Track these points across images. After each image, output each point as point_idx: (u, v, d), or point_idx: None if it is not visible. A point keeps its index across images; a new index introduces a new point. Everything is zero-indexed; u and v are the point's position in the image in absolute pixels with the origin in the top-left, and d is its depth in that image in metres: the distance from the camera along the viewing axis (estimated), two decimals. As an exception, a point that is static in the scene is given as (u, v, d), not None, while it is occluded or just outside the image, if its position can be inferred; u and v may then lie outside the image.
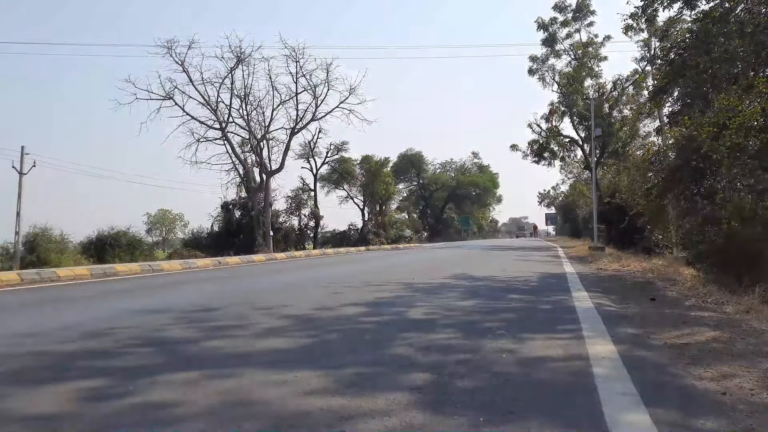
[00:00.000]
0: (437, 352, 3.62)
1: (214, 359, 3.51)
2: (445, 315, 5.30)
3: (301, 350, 3.79)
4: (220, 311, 5.68)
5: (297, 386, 2.84)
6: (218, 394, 2.71)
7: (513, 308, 5.79)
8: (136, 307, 6.17)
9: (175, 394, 2.73)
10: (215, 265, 15.07)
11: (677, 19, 12.98)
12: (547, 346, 3.82)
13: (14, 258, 26.05)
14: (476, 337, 4.14)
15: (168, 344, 4.01)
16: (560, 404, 2.56)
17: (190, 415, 2.41)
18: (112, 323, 4.95)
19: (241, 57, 27.96)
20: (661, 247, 15.86)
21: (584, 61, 31.52)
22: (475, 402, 2.58)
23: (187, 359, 3.52)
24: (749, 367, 3.21)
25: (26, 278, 9.62)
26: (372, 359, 3.46)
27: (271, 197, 30.68)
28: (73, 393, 2.77)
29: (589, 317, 5.05)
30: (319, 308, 5.70)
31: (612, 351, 3.60)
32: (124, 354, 3.71)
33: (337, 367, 3.21)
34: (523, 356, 3.52)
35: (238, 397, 2.66)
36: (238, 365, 3.29)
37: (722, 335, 4.16)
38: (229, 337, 4.28)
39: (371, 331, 4.48)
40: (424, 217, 61.24)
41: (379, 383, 2.89)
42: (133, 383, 2.91)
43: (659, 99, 12.88)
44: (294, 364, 3.29)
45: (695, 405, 2.54)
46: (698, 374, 3.08)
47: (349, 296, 6.74)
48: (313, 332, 4.43)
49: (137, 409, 2.52)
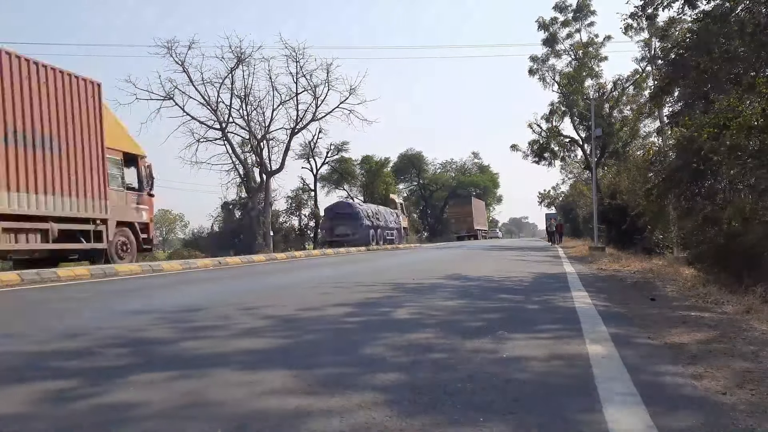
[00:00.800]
0: (414, 352, 3.61)
1: (186, 360, 3.50)
2: (430, 315, 5.28)
3: (275, 350, 3.77)
4: (204, 312, 5.64)
5: (260, 386, 2.83)
6: (178, 395, 2.70)
7: (503, 308, 5.78)
8: (124, 307, 6.17)
9: (137, 394, 2.72)
10: (215, 265, 15.06)
11: (677, 19, 13.00)
12: (536, 345, 3.82)
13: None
14: (457, 336, 4.13)
15: (145, 345, 4.01)
16: (541, 405, 2.54)
17: (144, 416, 2.40)
18: (94, 323, 4.94)
19: (242, 57, 28.06)
20: (661, 247, 15.88)
21: (584, 61, 31.56)
22: (445, 402, 2.56)
23: (160, 360, 3.51)
24: (750, 367, 3.20)
25: (26, 278, 9.61)
26: (346, 359, 3.45)
27: (272, 197, 30.74)
28: (35, 394, 2.75)
29: (588, 317, 5.04)
30: (304, 308, 5.66)
31: (612, 351, 3.59)
32: (98, 354, 3.69)
33: (308, 367, 3.19)
34: (502, 356, 3.50)
35: (197, 398, 2.65)
36: (208, 365, 3.27)
37: (722, 335, 4.15)
38: (206, 337, 4.26)
39: (351, 331, 4.47)
40: (424, 218, 61.27)
41: (348, 383, 2.87)
42: (100, 384, 2.90)
43: (659, 99, 12.88)
44: (264, 365, 3.29)
45: (695, 405, 2.54)
46: (698, 374, 3.07)
47: (337, 297, 6.71)
48: (293, 332, 4.41)
49: (96, 410, 2.50)
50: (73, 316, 5.59)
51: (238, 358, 3.51)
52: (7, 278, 9.42)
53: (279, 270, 12.91)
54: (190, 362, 3.42)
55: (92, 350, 3.81)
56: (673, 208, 10.26)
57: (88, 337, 4.29)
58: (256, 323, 4.85)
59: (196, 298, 7.07)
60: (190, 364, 3.37)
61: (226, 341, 4.06)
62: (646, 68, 28.75)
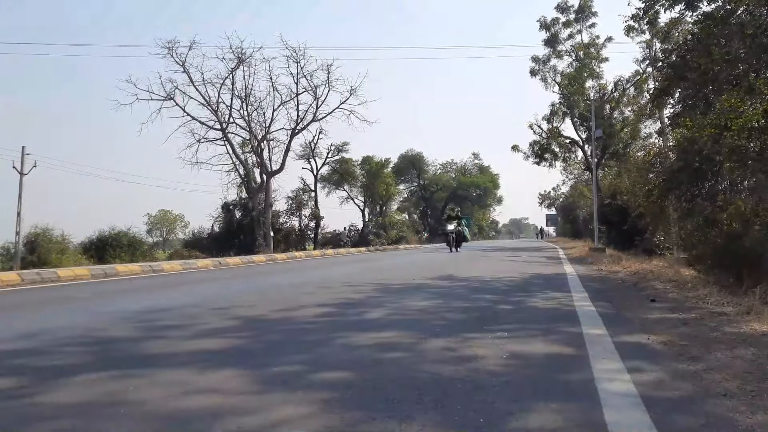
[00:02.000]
0: (377, 351, 3.62)
1: (137, 360, 3.51)
2: (402, 315, 5.30)
3: (231, 351, 3.77)
4: (174, 312, 5.61)
5: (194, 386, 2.85)
6: (105, 395, 2.71)
7: (479, 308, 5.79)
8: (99, 308, 6.16)
9: (67, 394, 2.74)
10: (215, 265, 15.07)
11: (679, 20, 12.99)
12: (524, 344, 3.83)
13: (15, 258, 26.07)
14: (424, 336, 4.14)
15: (101, 344, 4.02)
16: (464, 400, 2.55)
17: (58, 416, 2.42)
18: (60, 323, 4.95)
19: (242, 57, 28.01)
20: (662, 248, 15.86)
21: (586, 62, 31.55)
22: (395, 401, 2.58)
23: (111, 360, 3.52)
24: (750, 368, 3.20)
25: (27, 278, 9.62)
26: (302, 359, 3.46)
27: (272, 198, 30.71)
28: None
29: (588, 318, 5.05)
30: (278, 309, 5.64)
31: (611, 352, 3.59)
32: (49, 354, 3.70)
33: (258, 367, 3.20)
34: (454, 355, 3.52)
35: (121, 398, 2.66)
36: (155, 366, 3.28)
37: (723, 337, 4.15)
38: (165, 338, 4.26)
39: (315, 331, 4.47)
40: (424, 218, 61.22)
41: (294, 383, 2.89)
42: (40, 384, 2.92)
43: (660, 100, 12.87)
44: (214, 365, 3.30)
45: (696, 406, 2.54)
46: (699, 375, 3.07)
47: (319, 297, 6.69)
48: (255, 333, 4.41)
49: (21, 409, 2.53)
50: (43, 317, 5.58)
51: (189, 358, 3.51)
52: (8, 278, 9.43)
53: (275, 271, 12.91)
54: (139, 362, 3.42)
55: (46, 349, 3.82)
56: (674, 209, 10.25)
57: (46, 336, 4.29)
58: (222, 324, 4.85)
59: (172, 300, 6.93)
60: (138, 364, 3.37)
61: (183, 342, 4.06)
62: (647, 69, 28.75)
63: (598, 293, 7.21)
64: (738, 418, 2.37)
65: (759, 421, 2.33)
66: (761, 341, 3.96)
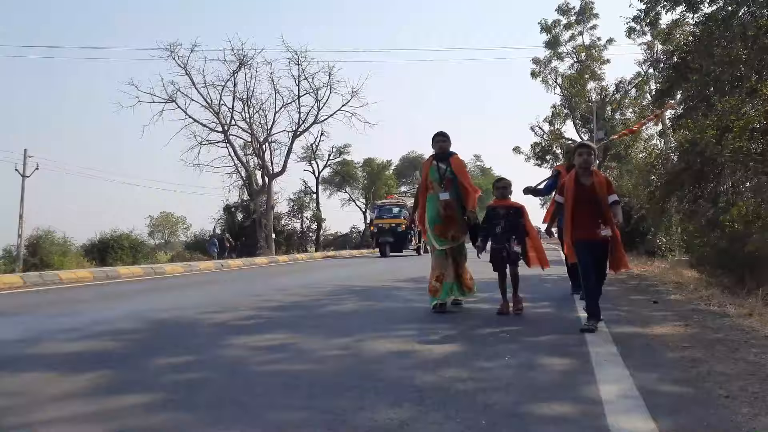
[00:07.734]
0: (265, 351, 3.66)
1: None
2: (324, 317, 5.35)
3: (101, 354, 3.72)
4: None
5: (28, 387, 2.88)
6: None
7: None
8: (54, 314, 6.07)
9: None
10: (217, 267, 15.08)
11: (680, 22, 12.99)
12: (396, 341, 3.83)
13: (17, 261, 26.12)
14: (318, 337, 4.15)
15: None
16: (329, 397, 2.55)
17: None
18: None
19: (244, 60, 28.08)
20: (663, 250, 15.82)
21: (587, 63, 31.55)
22: (224, 397, 2.61)
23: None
24: (752, 370, 3.19)
25: (29, 281, 9.63)
26: (172, 361, 3.44)
27: (273, 200, 30.73)
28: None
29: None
30: (205, 312, 5.64)
31: (613, 354, 3.59)
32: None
33: (112, 368, 3.22)
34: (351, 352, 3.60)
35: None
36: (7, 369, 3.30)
37: (725, 338, 4.14)
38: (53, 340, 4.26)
39: (215, 335, 4.38)
40: (426, 220, 61.14)
41: (147, 381, 2.92)
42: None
43: (662, 102, 12.87)
44: (78, 366, 3.29)
45: (697, 407, 2.53)
46: (701, 377, 3.07)
47: (271, 301, 6.66)
48: (147, 335, 4.43)
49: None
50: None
51: (48, 360, 3.49)
52: (10, 281, 9.45)
53: (272, 272, 12.91)
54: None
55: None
56: (676, 210, 10.23)
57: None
58: (121, 326, 4.84)
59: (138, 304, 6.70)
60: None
61: (62, 344, 4.06)
62: (648, 71, 28.76)
63: (612, 295, 7.19)
64: (739, 419, 2.37)
65: (761, 423, 2.33)
66: (763, 343, 3.95)
